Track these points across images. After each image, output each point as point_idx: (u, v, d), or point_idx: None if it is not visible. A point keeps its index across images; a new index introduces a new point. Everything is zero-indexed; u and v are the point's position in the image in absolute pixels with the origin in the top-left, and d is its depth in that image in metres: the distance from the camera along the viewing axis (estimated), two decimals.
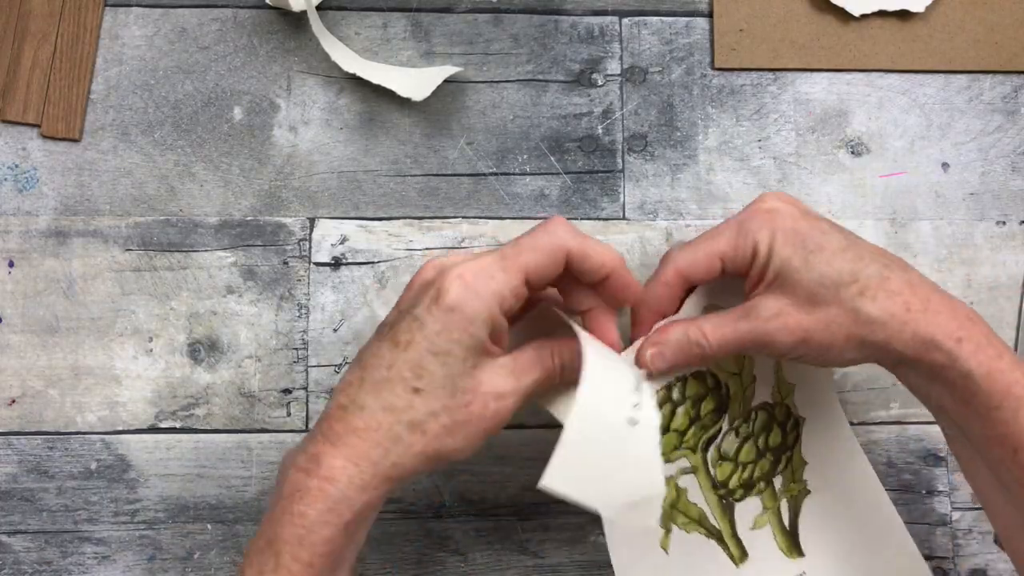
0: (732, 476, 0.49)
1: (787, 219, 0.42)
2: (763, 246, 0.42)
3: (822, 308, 0.41)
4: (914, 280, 0.41)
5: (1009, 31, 0.56)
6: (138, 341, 0.53)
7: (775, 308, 0.42)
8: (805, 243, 0.41)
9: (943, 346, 0.40)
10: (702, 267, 0.43)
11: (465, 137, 0.55)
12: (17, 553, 0.52)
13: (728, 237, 0.43)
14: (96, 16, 0.55)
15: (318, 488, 0.37)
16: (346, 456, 0.37)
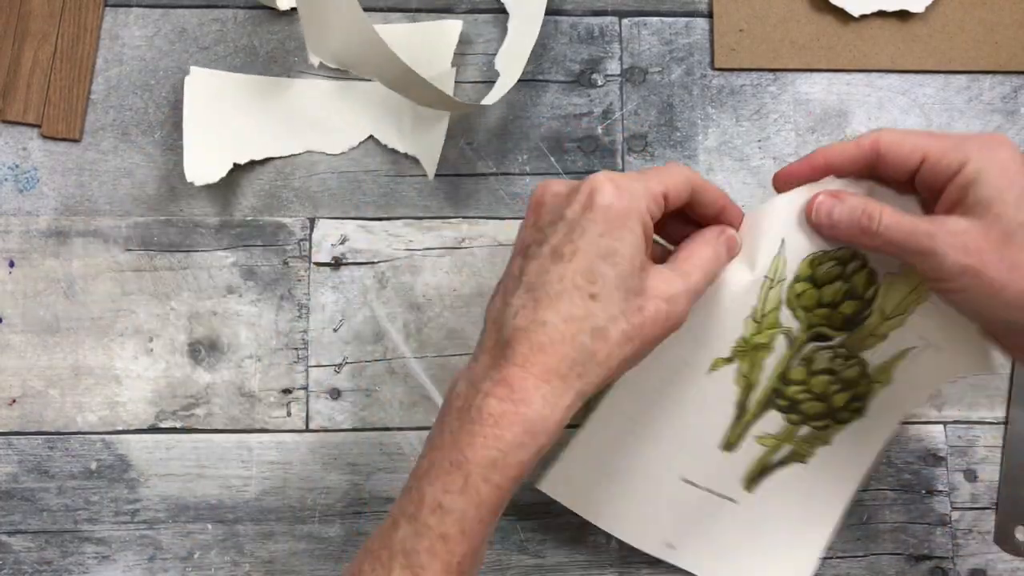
0: (795, 386, 0.49)
1: (1009, 156, 0.39)
2: (973, 166, 0.39)
3: (1013, 249, 0.39)
4: None
5: (1009, 31, 0.56)
6: (138, 341, 0.53)
7: (963, 226, 0.39)
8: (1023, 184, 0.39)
9: None
10: (903, 151, 0.41)
11: (465, 137, 0.55)
12: (17, 553, 0.52)
13: (942, 141, 0.40)
14: (96, 16, 0.55)
15: (513, 411, 0.37)
16: (536, 375, 0.37)
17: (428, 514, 0.37)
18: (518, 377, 0.37)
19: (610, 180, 0.38)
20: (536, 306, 0.38)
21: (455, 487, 0.37)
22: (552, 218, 0.39)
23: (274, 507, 0.52)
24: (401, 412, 0.53)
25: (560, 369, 0.37)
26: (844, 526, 0.53)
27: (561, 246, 0.38)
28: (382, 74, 0.49)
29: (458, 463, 0.37)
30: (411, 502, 0.38)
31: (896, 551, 0.53)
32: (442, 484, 0.37)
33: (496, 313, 0.39)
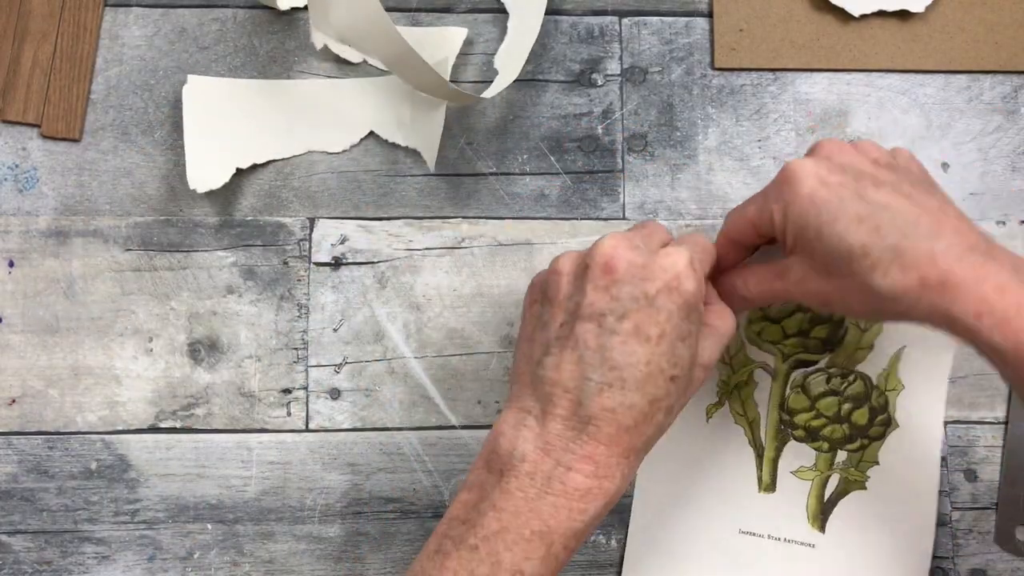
0: (803, 414, 0.50)
1: (805, 186, 0.41)
2: (777, 216, 0.42)
3: (836, 278, 0.41)
4: (939, 249, 0.39)
5: (1009, 31, 0.56)
6: (138, 341, 0.53)
7: (800, 272, 0.43)
8: (819, 213, 0.40)
9: (962, 322, 0.38)
10: (742, 231, 0.45)
11: (465, 137, 0.55)
12: (17, 553, 0.52)
13: (755, 205, 0.44)
14: (96, 16, 0.55)
15: (598, 487, 0.39)
16: (620, 453, 0.39)
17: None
18: (603, 455, 0.39)
19: (690, 265, 0.40)
20: (624, 387, 0.39)
21: (537, 555, 0.38)
22: (632, 292, 0.39)
23: (274, 507, 0.52)
24: (401, 412, 0.53)
25: (638, 447, 0.40)
26: None
27: (646, 327, 0.39)
28: (384, 52, 0.49)
29: (541, 533, 0.38)
30: (482, 563, 0.38)
31: None
32: (523, 551, 0.38)
33: (570, 382, 0.39)
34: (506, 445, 0.40)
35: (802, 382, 0.50)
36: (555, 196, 0.55)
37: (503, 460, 0.40)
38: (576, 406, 0.39)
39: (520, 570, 0.38)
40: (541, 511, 0.38)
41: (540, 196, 0.55)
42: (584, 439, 0.39)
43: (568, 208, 0.55)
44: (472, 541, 0.39)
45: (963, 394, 0.54)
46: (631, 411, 0.39)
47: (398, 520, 0.52)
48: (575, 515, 0.38)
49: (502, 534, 0.38)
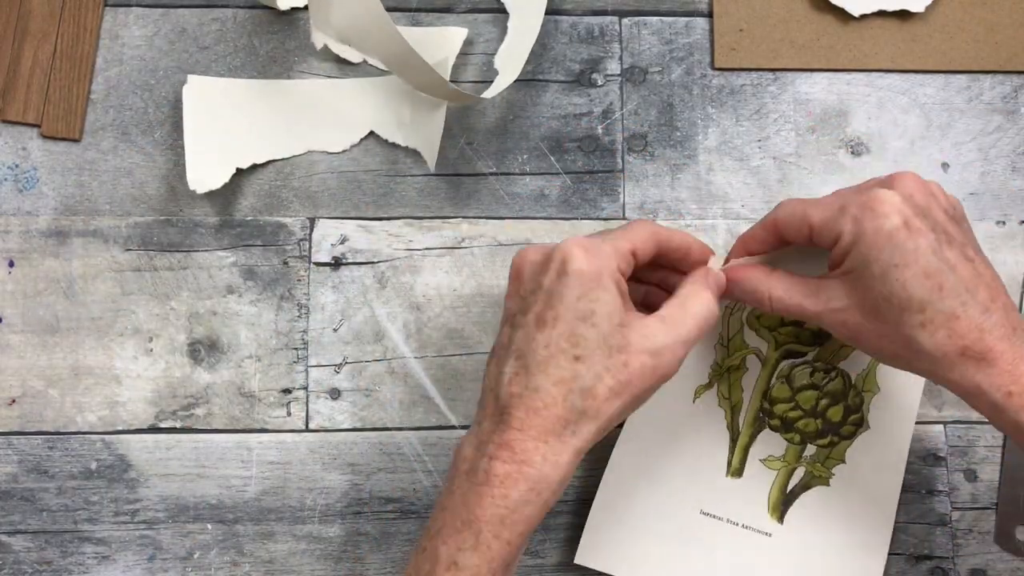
0: (782, 404, 0.51)
1: (886, 223, 0.40)
2: (847, 238, 0.41)
3: (879, 321, 0.42)
4: (987, 325, 0.40)
5: (1009, 31, 0.56)
6: (138, 341, 0.53)
7: (841, 300, 0.43)
8: (892, 253, 0.40)
9: (989, 396, 0.40)
10: (795, 226, 0.44)
11: (465, 137, 0.55)
12: (17, 553, 0.52)
13: (825, 210, 0.43)
14: (96, 16, 0.55)
15: (516, 471, 0.39)
16: (534, 437, 0.40)
17: (443, 571, 0.39)
18: (518, 440, 0.40)
19: (579, 246, 0.41)
20: (527, 373, 0.40)
21: (467, 545, 0.39)
22: (532, 287, 0.41)
23: (274, 507, 0.52)
24: (401, 412, 0.53)
25: (555, 429, 0.40)
26: None
27: (543, 313, 0.40)
28: (384, 52, 0.49)
29: (468, 522, 0.39)
30: (426, 561, 0.40)
31: (896, 551, 0.53)
32: (455, 543, 0.39)
33: (492, 382, 0.42)
34: (456, 452, 0.42)
35: (788, 372, 0.51)
36: (555, 196, 0.55)
37: (452, 466, 0.42)
38: (495, 400, 0.41)
39: (454, 561, 0.39)
40: (469, 502, 0.40)
41: (540, 196, 0.55)
42: (502, 428, 0.40)
43: (568, 208, 0.55)
44: (423, 543, 0.41)
45: None
46: (537, 393, 0.40)
47: (398, 520, 0.52)
48: (497, 501, 0.39)
49: (441, 531, 0.40)
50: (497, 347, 0.43)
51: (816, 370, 0.51)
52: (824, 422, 0.51)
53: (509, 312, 0.43)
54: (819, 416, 0.51)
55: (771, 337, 0.51)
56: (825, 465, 0.50)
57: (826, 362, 0.51)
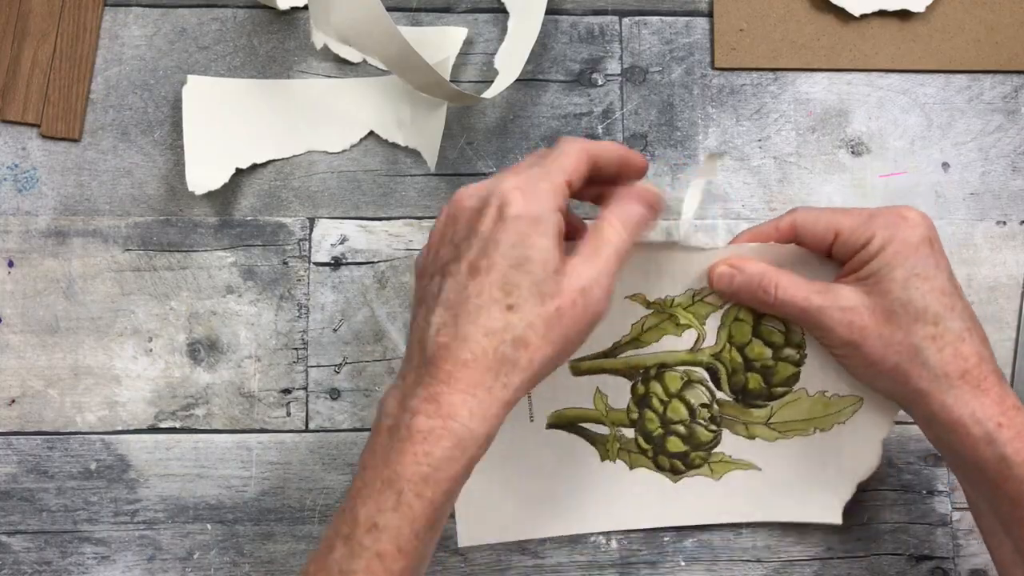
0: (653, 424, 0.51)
1: (915, 233, 0.43)
2: (877, 241, 0.43)
3: (891, 327, 0.42)
4: (985, 356, 0.42)
5: (1009, 31, 0.56)
6: (138, 341, 0.53)
7: (853, 301, 0.43)
8: (916, 264, 0.42)
9: (983, 424, 0.41)
10: (818, 229, 0.45)
11: (465, 137, 0.55)
12: (17, 553, 0.52)
13: (854, 217, 0.44)
14: (96, 16, 0.55)
15: (441, 427, 0.37)
16: (462, 390, 0.38)
17: (363, 534, 0.37)
18: (444, 393, 0.37)
19: (517, 188, 0.39)
20: (456, 322, 0.38)
21: (388, 504, 0.37)
22: (466, 233, 0.39)
23: (274, 507, 0.52)
24: None
25: (485, 381, 0.38)
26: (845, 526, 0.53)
27: (477, 261, 0.38)
28: (384, 52, 0.49)
29: (390, 481, 0.37)
30: (345, 523, 0.38)
31: (897, 551, 0.53)
32: (375, 503, 0.37)
33: (419, 332, 0.39)
34: (377, 407, 0.40)
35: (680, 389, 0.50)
36: None
37: (373, 422, 0.40)
38: (422, 351, 0.39)
39: (375, 523, 0.37)
40: (390, 460, 0.38)
41: None
42: (427, 380, 0.38)
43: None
44: (342, 504, 0.39)
45: None
46: (466, 343, 0.38)
47: None
48: (420, 458, 0.37)
49: (362, 490, 0.38)
50: (425, 295, 0.40)
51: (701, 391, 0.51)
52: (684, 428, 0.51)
53: (440, 258, 0.40)
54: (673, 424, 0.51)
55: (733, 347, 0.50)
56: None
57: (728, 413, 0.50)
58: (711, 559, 0.52)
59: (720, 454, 0.50)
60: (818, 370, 0.49)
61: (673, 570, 0.52)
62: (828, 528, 0.52)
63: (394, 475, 0.37)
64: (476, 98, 0.52)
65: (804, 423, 0.49)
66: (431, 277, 0.40)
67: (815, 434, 0.50)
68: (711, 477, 0.51)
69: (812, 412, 0.49)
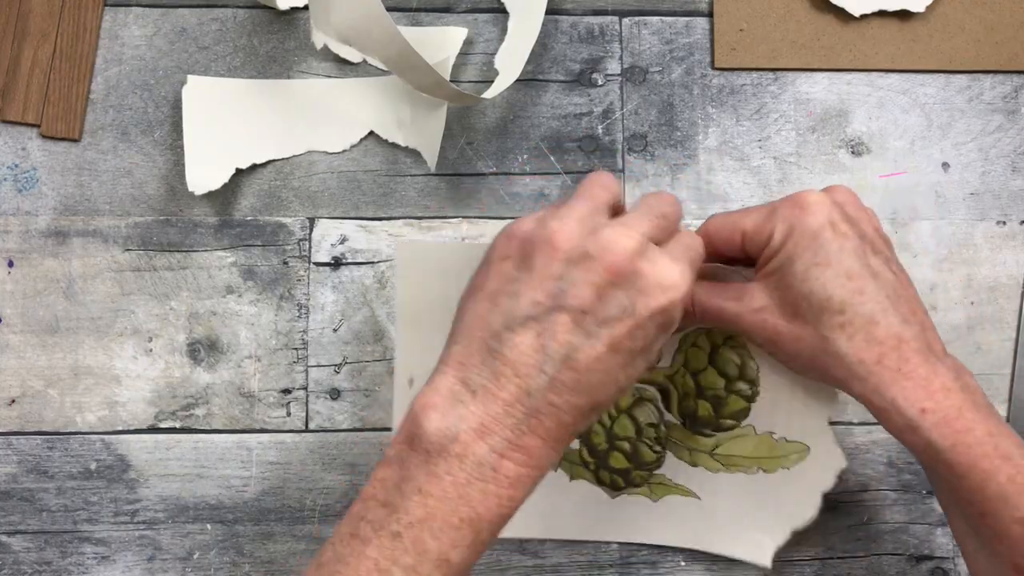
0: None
1: (814, 220, 0.41)
2: (778, 236, 0.41)
3: (799, 322, 0.41)
4: (907, 336, 0.40)
5: (1009, 31, 0.56)
6: (138, 341, 0.53)
7: (761, 302, 0.42)
8: (816, 252, 0.40)
9: (904, 412, 0.39)
10: (725, 236, 0.43)
11: (465, 137, 0.55)
12: (17, 553, 0.52)
13: (756, 217, 0.43)
14: (96, 16, 0.55)
15: (528, 476, 0.37)
16: (552, 447, 0.37)
17: (433, 568, 0.36)
18: (539, 447, 0.37)
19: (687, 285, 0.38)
20: (576, 390, 0.37)
21: (464, 543, 0.36)
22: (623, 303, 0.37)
23: (274, 507, 0.52)
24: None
25: (566, 439, 0.38)
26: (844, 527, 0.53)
27: (621, 341, 0.37)
28: (385, 52, 0.49)
29: (470, 520, 0.36)
30: (407, 553, 0.36)
31: (897, 551, 0.53)
32: (450, 539, 0.36)
33: (523, 369, 0.37)
34: (437, 423, 0.36)
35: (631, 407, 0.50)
36: (555, 196, 0.55)
37: (431, 439, 0.36)
38: (524, 394, 0.36)
39: (447, 559, 0.36)
40: (471, 497, 0.36)
41: (540, 196, 0.55)
42: (524, 430, 0.36)
43: None
44: (395, 528, 0.36)
45: None
46: (575, 411, 0.37)
47: None
48: (504, 502, 0.36)
49: (428, 521, 0.36)
50: (548, 330, 0.37)
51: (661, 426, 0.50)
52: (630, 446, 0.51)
53: (578, 302, 0.37)
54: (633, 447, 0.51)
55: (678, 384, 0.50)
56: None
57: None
58: (711, 559, 0.52)
59: (661, 476, 0.50)
60: (769, 410, 0.48)
61: (673, 570, 0.52)
62: (828, 528, 0.52)
63: (475, 515, 0.36)
64: (476, 98, 0.52)
65: (749, 460, 0.49)
66: (555, 308, 0.37)
67: (758, 473, 0.49)
68: (649, 498, 0.51)
69: (758, 451, 0.49)
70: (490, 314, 0.38)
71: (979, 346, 0.54)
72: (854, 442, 0.53)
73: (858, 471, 0.53)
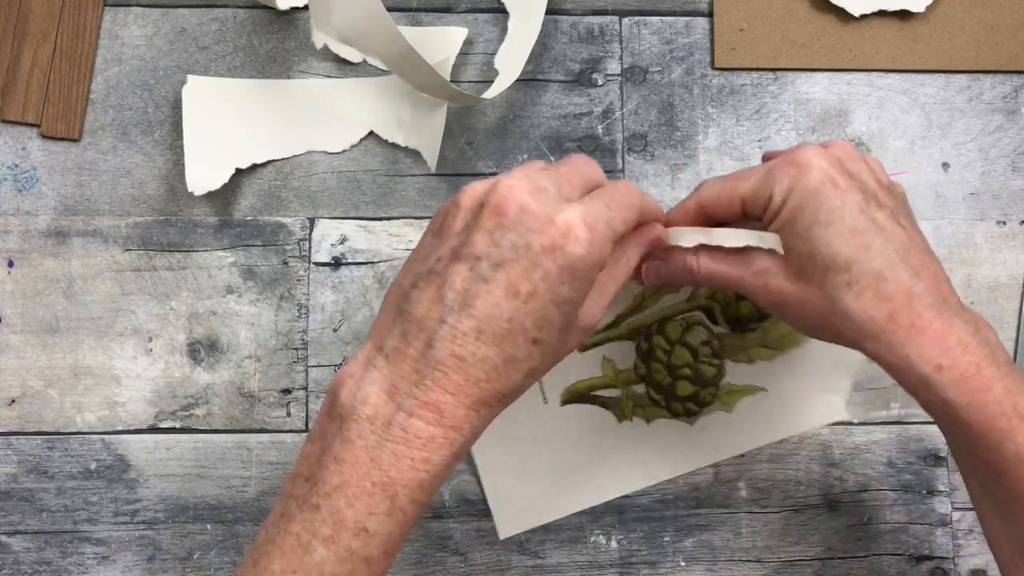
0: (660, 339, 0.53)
1: (813, 177, 0.39)
2: (778, 198, 0.40)
3: (804, 283, 0.40)
4: (918, 291, 0.38)
5: (1009, 31, 0.56)
6: (138, 341, 0.53)
7: (764, 264, 0.41)
8: (817, 211, 0.39)
9: (918, 370, 0.38)
10: (723, 203, 0.42)
11: (465, 137, 0.55)
12: (17, 553, 0.52)
13: (753, 181, 0.41)
14: (96, 16, 0.55)
15: (443, 436, 0.36)
16: (468, 405, 0.36)
17: (351, 538, 0.35)
18: (449, 403, 0.36)
19: (585, 224, 0.36)
20: (479, 338, 0.36)
21: (381, 509, 0.35)
22: (516, 240, 0.36)
23: None
24: None
25: (490, 400, 0.37)
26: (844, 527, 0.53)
27: (518, 282, 0.36)
28: (385, 52, 0.49)
29: (383, 484, 0.35)
30: (324, 523, 0.35)
31: (897, 551, 0.53)
32: (365, 506, 0.35)
33: (424, 318, 0.36)
34: (351, 387, 0.37)
35: (691, 324, 0.52)
36: None
37: (345, 405, 0.37)
38: (427, 347, 0.36)
39: (364, 527, 0.35)
40: (381, 460, 0.35)
41: None
42: (428, 384, 0.36)
43: None
44: (314, 500, 0.36)
45: None
46: (483, 364, 0.36)
47: None
48: (418, 464, 0.35)
49: (343, 488, 0.35)
50: (446, 279, 0.36)
51: (710, 345, 0.52)
52: (670, 384, 0.52)
53: (472, 248, 0.36)
54: (672, 375, 0.52)
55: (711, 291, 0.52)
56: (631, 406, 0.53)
57: (722, 350, 0.52)
58: (711, 559, 0.52)
59: (727, 385, 0.52)
60: None
61: (673, 570, 0.52)
62: (828, 528, 0.52)
63: (388, 479, 0.35)
64: (476, 98, 0.52)
65: (795, 334, 0.52)
66: (453, 259, 0.37)
67: (808, 343, 0.52)
68: (724, 411, 0.52)
69: (789, 333, 0.52)
70: (403, 278, 0.38)
71: None
72: (854, 442, 0.53)
73: (858, 471, 0.53)
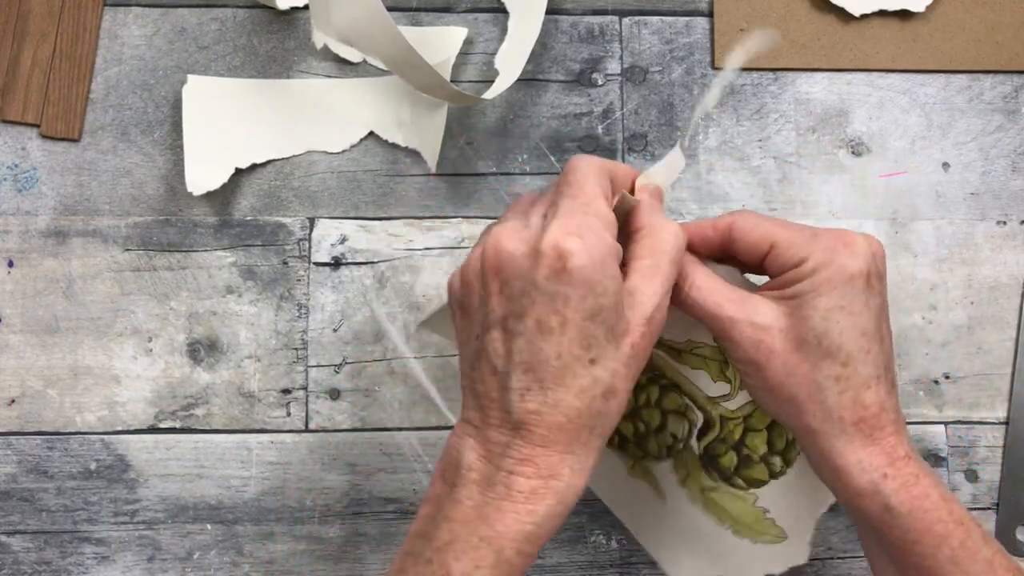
0: None
1: (853, 264, 0.39)
2: (811, 263, 0.39)
3: (799, 357, 0.40)
4: (888, 406, 0.40)
5: (1009, 31, 0.56)
6: (138, 341, 0.53)
7: (767, 320, 0.40)
8: (844, 296, 0.39)
9: (869, 474, 0.39)
10: (754, 237, 0.41)
11: (465, 137, 0.55)
12: (17, 553, 0.52)
13: (794, 233, 0.41)
14: (96, 16, 0.55)
15: (544, 486, 0.37)
16: (560, 451, 0.37)
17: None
18: (541, 455, 0.37)
19: (570, 234, 0.36)
20: (542, 387, 0.37)
21: (486, 562, 0.36)
22: (523, 286, 0.37)
23: (273, 507, 0.52)
24: (401, 412, 0.53)
25: (581, 438, 0.37)
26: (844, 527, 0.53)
27: (546, 319, 0.36)
28: (385, 52, 0.49)
29: (488, 539, 0.36)
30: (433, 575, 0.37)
31: None
32: (471, 560, 0.36)
33: (491, 391, 0.38)
34: (454, 455, 0.39)
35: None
36: None
37: (454, 471, 0.39)
38: (505, 414, 0.37)
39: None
40: (487, 516, 0.37)
41: None
42: (519, 443, 0.37)
43: None
44: (427, 555, 0.37)
45: (964, 394, 0.54)
46: (558, 408, 0.37)
47: (398, 520, 0.52)
48: (523, 517, 0.37)
49: (452, 544, 0.37)
50: (488, 351, 0.38)
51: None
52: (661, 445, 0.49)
53: (493, 312, 0.38)
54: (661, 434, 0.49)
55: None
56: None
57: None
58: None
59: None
60: (780, 491, 0.48)
61: None
62: (828, 528, 0.52)
63: (494, 533, 0.36)
64: (476, 98, 0.52)
65: (729, 519, 0.48)
66: (485, 330, 0.38)
67: (726, 531, 0.48)
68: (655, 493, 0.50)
69: (743, 517, 0.48)
70: (461, 363, 0.40)
71: (979, 346, 0.54)
72: None
73: None
